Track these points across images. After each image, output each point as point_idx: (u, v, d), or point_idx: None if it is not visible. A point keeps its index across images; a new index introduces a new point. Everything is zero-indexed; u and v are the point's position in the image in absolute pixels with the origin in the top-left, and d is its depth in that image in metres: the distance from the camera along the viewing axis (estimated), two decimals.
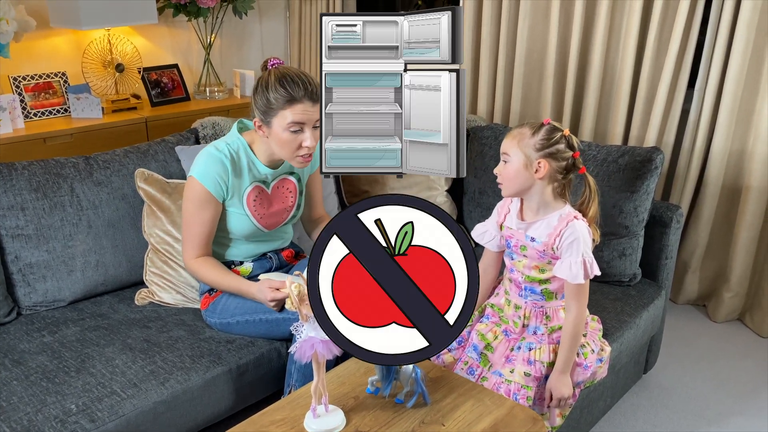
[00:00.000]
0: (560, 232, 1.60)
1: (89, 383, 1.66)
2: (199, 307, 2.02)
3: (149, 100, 3.35)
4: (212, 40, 3.53)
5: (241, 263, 1.97)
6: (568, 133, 1.59)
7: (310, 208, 2.07)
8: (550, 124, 1.60)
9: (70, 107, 3.12)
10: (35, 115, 3.07)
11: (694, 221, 2.78)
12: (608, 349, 1.78)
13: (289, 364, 1.79)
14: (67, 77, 3.17)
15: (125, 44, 3.28)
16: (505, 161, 1.62)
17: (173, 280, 2.08)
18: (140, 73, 3.34)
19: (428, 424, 1.40)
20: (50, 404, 1.58)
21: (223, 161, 1.82)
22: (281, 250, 2.03)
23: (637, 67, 2.72)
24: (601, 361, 1.74)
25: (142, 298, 2.07)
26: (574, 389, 1.65)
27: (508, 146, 1.61)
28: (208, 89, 3.54)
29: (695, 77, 2.65)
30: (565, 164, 1.59)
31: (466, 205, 2.57)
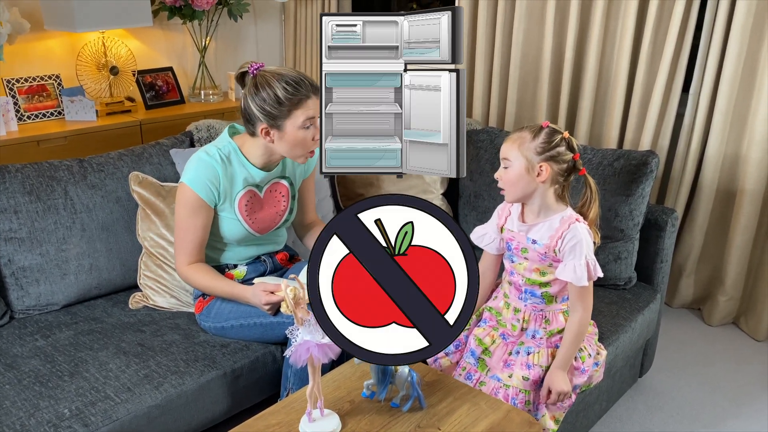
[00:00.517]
0: (562, 234, 1.59)
1: (82, 387, 1.64)
2: (193, 311, 2.01)
3: (144, 102, 3.34)
4: (207, 42, 3.52)
5: (235, 266, 1.96)
6: (567, 135, 1.59)
7: (302, 213, 2.07)
8: (549, 126, 1.59)
9: (64, 110, 3.10)
10: (29, 117, 3.05)
11: (689, 225, 2.78)
12: (604, 353, 1.78)
13: (285, 367, 1.78)
14: (61, 80, 3.16)
15: (120, 47, 3.27)
16: (505, 166, 1.61)
17: (167, 283, 2.07)
18: (135, 75, 3.33)
19: (424, 428, 1.40)
20: (43, 409, 1.57)
21: (214, 166, 1.81)
22: (275, 253, 2.02)
23: (632, 70, 2.73)
24: (597, 364, 1.73)
25: (136, 301, 2.06)
26: (571, 393, 1.65)
27: (508, 151, 1.61)
28: (202, 92, 3.53)
29: (690, 81, 2.66)
30: (566, 166, 1.59)
31: (461, 208, 2.57)
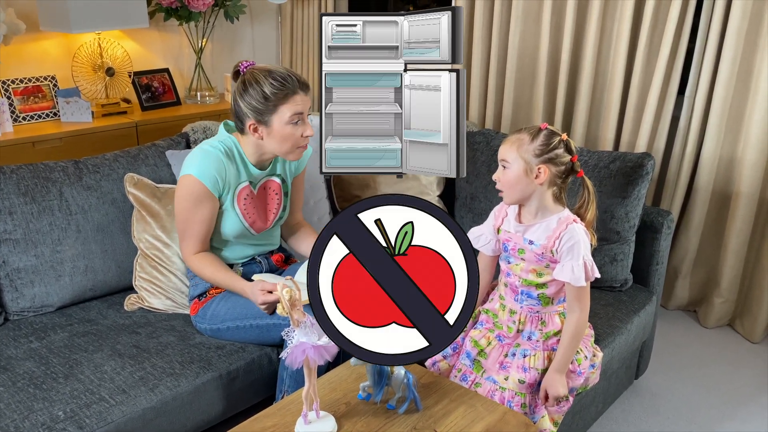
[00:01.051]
0: (560, 234, 1.59)
1: (77, 389, 1.63)
2: (188, 312, 2.01)
3: (140, 104, 3.33)
4: (203, 44, 3.52)
5: (231, 266, 1.95)
6: (566, 137, 1.59)
7: (289, 213, 2.06)
8: (547, 128, 1.59)
9: (59, 111, 3.09)
10: (24, 118, 3.04)
11: (684, 227, 2.79)
12: (600, 355, 1.78)
13: (280, 369, 1.77)
14: (56, 81, 3.15)
15: (116, 48, 3.27)
16: (504, 167, 1.62)
17: (163, 285, 2.06)
18: (131, 77, 3.32)
19: (420, 430, 1.40)
20: (37, 411, 1.56)
21: (219, 157, 1.81)
22: (271, 254, 2.02)
23: (627, 73, 2.74)
24: (593, 366, 1.73)
25: (131, 303, 2.05)
26: (568, 396, 1.65)
27: (506, 152, 1.60)
28: (199, 93, 3.53)
29: (685, 84, 2.67)
30: (564, 168, 1.60)
31: (457, 210, 2.57)
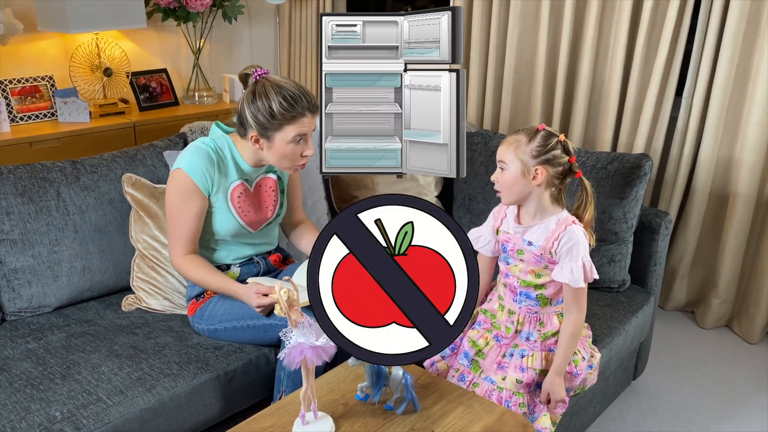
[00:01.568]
0: (558, 236, 1.60)
1: (74, 390, 1.63)
2: (186, 313, 2.00)
3: (137, 104, 3.33)
4: (201, 44, 3.51)
5: (228, 267, 1.95)
6: (563, 138, 1.60)
7: (289, 211, 2.06)
8: (545, 129, 1.60)
9: (57, 111, 3.09)
10: (21, 119, 3.03)
11: (682, 228, 2.79)
12: (598, 355, 1.78)
13: (278, 370, 1.77)
14: (54, 81, 3.14)
15: (113, 48, 3.26)
16: (501, 168, 1.62)
17: (160, 286, 2.05)
18: (129, 77, 3.32)
19: (418, 430, 1.39)
20: (34, 411, 1.55)
21: (209, 154, 1.81)
22: (268, 254, 2.01)
23: (625, 74, 2.74)
24: (591, 367, 1.73)
25: (128, 304, 2.05)
26: (565, 398, 1.65)
27: (504, 154, 1.61)
28: (197, 94, 3.52)
29: (683, 85, 2.67)
30: (561, 169, 1.60)
31: (455, 211, 2.57)
